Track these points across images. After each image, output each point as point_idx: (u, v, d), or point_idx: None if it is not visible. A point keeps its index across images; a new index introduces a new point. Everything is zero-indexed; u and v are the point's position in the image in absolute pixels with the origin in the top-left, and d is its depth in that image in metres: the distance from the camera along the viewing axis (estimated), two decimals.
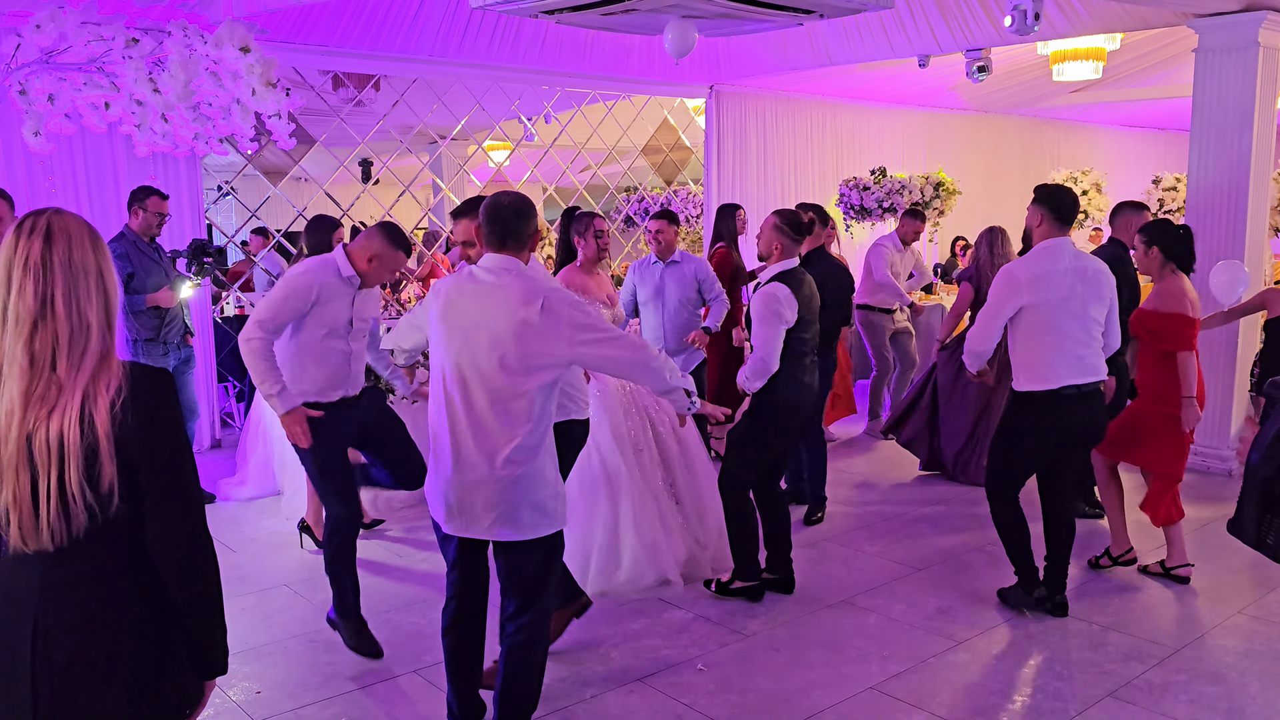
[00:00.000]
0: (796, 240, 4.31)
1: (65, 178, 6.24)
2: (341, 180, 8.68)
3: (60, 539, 1.72)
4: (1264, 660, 3.88)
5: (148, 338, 5.49)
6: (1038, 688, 3.68)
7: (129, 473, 1.75)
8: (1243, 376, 6.38)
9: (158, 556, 1.81)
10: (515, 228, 2.98)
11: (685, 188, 10.95)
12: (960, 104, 11.24)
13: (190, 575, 1.84)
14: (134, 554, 1.80)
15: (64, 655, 1.75)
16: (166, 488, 1.79)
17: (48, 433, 1.70)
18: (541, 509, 2.98)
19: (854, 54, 7.78)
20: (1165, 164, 13.13)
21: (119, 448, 1.72)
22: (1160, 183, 10.24)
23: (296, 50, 6.89)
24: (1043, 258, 4.09)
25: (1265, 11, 5.93)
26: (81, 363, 1.74)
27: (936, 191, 9.26)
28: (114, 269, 1.84)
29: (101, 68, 4.83)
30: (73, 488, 1.70)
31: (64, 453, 1.69)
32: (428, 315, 3.09)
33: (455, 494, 2.96)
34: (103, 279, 1.79)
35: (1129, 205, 5.40)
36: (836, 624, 4.24)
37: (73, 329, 1.73)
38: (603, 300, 4.69)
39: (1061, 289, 4.03)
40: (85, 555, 1.75)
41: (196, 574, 1.85)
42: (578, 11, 4.68)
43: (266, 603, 4.53)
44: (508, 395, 2.89)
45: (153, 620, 1.82)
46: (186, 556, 1.83)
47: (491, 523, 2.95)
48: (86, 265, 1.77)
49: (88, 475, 1.71)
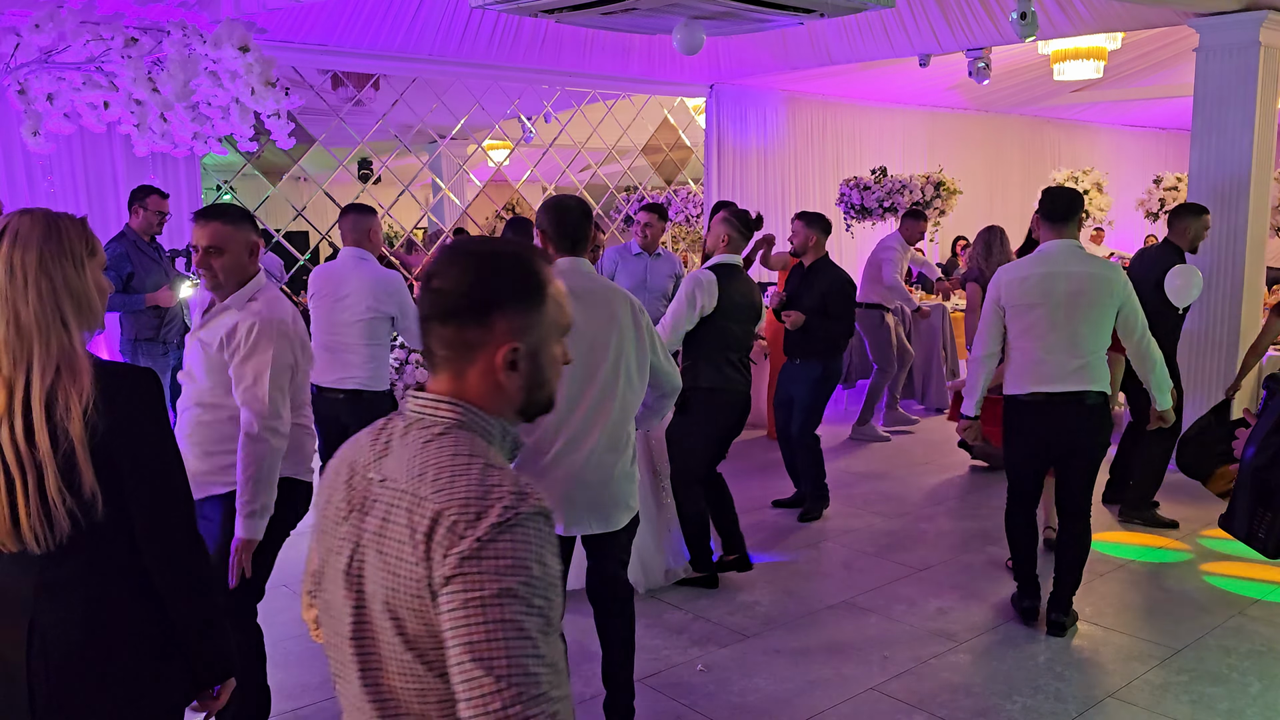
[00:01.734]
0: (743, 235, 4.43)
1: (65, 178, 6.24)
2: (341, 180, 8.67)
3: (46, 543, 1.71)
4: (1264, 660, 3.87)
5: (147, 337, 5.49)
6: (1038, 688, 3.68)
7: (113, 477, 1.74)
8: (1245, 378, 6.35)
9: (148, 560, 1.80)
10: (585, 230, 3.03)
11: (685, 187, 10.95)
12: (961, 103, 11.23)
13: (179, 580, 1.83)
14: (129, 555, 1.79)
15: (60, 656, 1.74)
16: (151, 492, 1.78)
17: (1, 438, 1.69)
18: None
19: (854, 53, 7.78)
20: (1166, 164, 13.12)
21: (96, 454, 1.71)
22: (1161, 183, 10.23)
23: (296, 50, 6.89)
24: (1029, 262, 4.03)
25: (1265, 11, 5.92)
26: (29, 365, 1.71)
27: (937, 191, 9.25)
28: (83, 270, 1.78)
29: (100, 67, 4.83)
30: (52, 494, 1.69)
31: (21, 459, 1.68)
32: None
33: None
34: (51, 280, 1.74)
35: (1191, 209, 5.34)
36: (836, 624, 4.23)
37: (9, 331, 1.71)
38: None
39: (1036, 294, 3.91)
40: (78, 557, 1.75)
41: (185, 579, 1.83)
42: (578, 11, 4.67)
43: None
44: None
45: (149, 621, 1.81)
46: (174, 561, 1.82)
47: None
48: (27, 265, 1.73)
49: (67, 482, 1.70)
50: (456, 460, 1.27)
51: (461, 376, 1.34)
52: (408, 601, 1.23)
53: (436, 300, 1.33)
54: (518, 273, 1.34)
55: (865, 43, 7.58)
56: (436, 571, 1.19)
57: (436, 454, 1.28)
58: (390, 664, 1.27)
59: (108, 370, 1.77)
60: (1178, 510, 5.57)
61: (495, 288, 1.32)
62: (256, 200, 8.20)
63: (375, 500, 1.31)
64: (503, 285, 1.33)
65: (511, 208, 11.22)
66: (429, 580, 1.20)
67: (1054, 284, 3.90)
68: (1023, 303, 3.96)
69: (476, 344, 1.32)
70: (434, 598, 1.20)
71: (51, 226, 1.78)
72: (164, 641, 1.83)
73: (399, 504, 1.27)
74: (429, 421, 1.33)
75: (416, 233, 11.45)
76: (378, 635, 1.28)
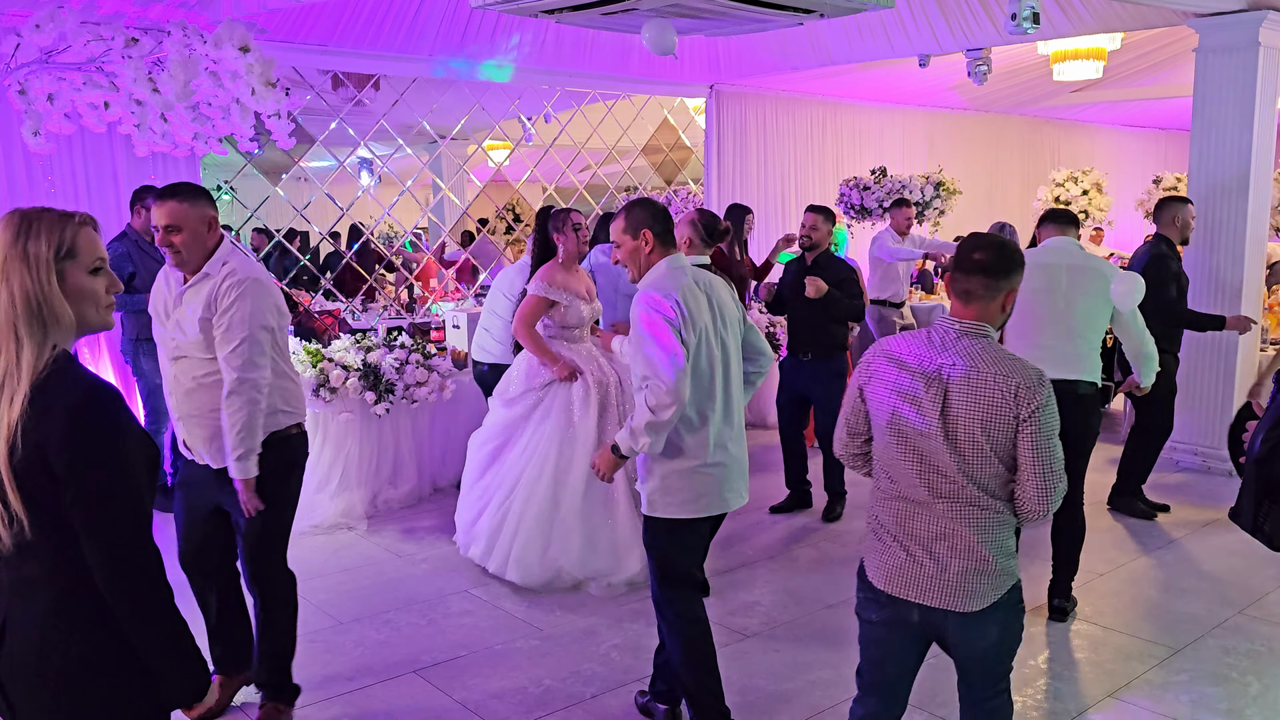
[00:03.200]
0: (705, 242, 4.02)
1: (65, 178, 6.24)
2: (341, 180, 8.67)
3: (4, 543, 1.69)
4: (1264, 660, 3.88)
5: (147, 337, 5.47)
6: (1038, 688, 3.68)
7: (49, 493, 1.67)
8: (1244, 378, 6.36)
9: (99, 584, 1.73)
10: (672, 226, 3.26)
11: (685, 187, 10.94)
12: (960, 104, 11.23)
13: (125, 610, 1.74)
14: (83, 563, 1.72)
15: (23, 653, 1.73)
16: (88, 517, 1.69)
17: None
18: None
19: (854, 54, 7.78)
20: (1165, 164, 13.13)
21: (19, 474, 1.65)
22: (1161, 183, 10.23)
23: (296, 50, 6.89)
24: (1032, 254, 4.26)
25: (1265, 11, 5.93)
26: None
27: (937, 191, 9.25)
28: (45, 276, 1.70)
29: (101, 68, 4.83)
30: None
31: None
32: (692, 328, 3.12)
33: None
34: (10, 290, 1.67)
35: (1175, 199, 5.44)
36: (837, 624, 4.23)
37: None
38: (581, 296, 4.70)
39: (1040, 283, 4.11)
40: (36, 558, 1.72)
41: (131, 608, 1.74)
42: (578, 11, 4.67)
43: None
44: None
45: (108, 626, 1.74)
46: (116, 590, 1.72)
47: None
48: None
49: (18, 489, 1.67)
50: (1008, 355, 2.42)
51: (987, 309, 2.44)
52: (999, 425, 2.35)
53: (979, 266, 2.43)
54: (1018, 255, 2.50)
55: (865, 43, 7.58)
56: (1020, 413, 2.34)
57: (996, 350, 2.41)
58: (973, 457, 2.37)
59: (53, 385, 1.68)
60: (1179, 510, 5.57)
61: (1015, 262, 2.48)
62: (257, 200, 8.20)
63: (953, 369, 2.39)
64: (1017, 261, 2.48)
65: (511, 208, 11.22)
66: (1016, 417, 2.34)
67: (1056, 275, 4.15)
68: (1023, 288, 4.03)
69: (999, 291, 2.44)
70: (1017, 426, 2.34)
71: (20, 228, 1.70)
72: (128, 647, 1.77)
73: (985, 372, 2.36)
74: (978, 333, 2.44)
75: (417, 233, 11.47)
76: (964, 440, 2.37)
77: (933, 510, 2.42)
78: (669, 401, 2.95)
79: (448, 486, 6.18)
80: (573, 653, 3.97)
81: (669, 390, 2.95)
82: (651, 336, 3.00)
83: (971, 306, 2.44)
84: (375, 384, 5.57)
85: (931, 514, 2.42)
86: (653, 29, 4.80)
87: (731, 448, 3.21)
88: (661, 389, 2.95)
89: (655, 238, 3.16)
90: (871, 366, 2.54)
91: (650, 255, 3.17)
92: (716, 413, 3.14)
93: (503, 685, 3.71)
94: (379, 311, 8.33)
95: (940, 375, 2.40)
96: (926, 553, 2.42)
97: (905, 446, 2.45)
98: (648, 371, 3.00)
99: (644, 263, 3.18)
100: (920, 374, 2.42)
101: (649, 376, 2.99)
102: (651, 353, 2.99)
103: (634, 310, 3.10)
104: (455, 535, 4.97)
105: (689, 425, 3.09)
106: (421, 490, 6.00)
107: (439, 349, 6.39)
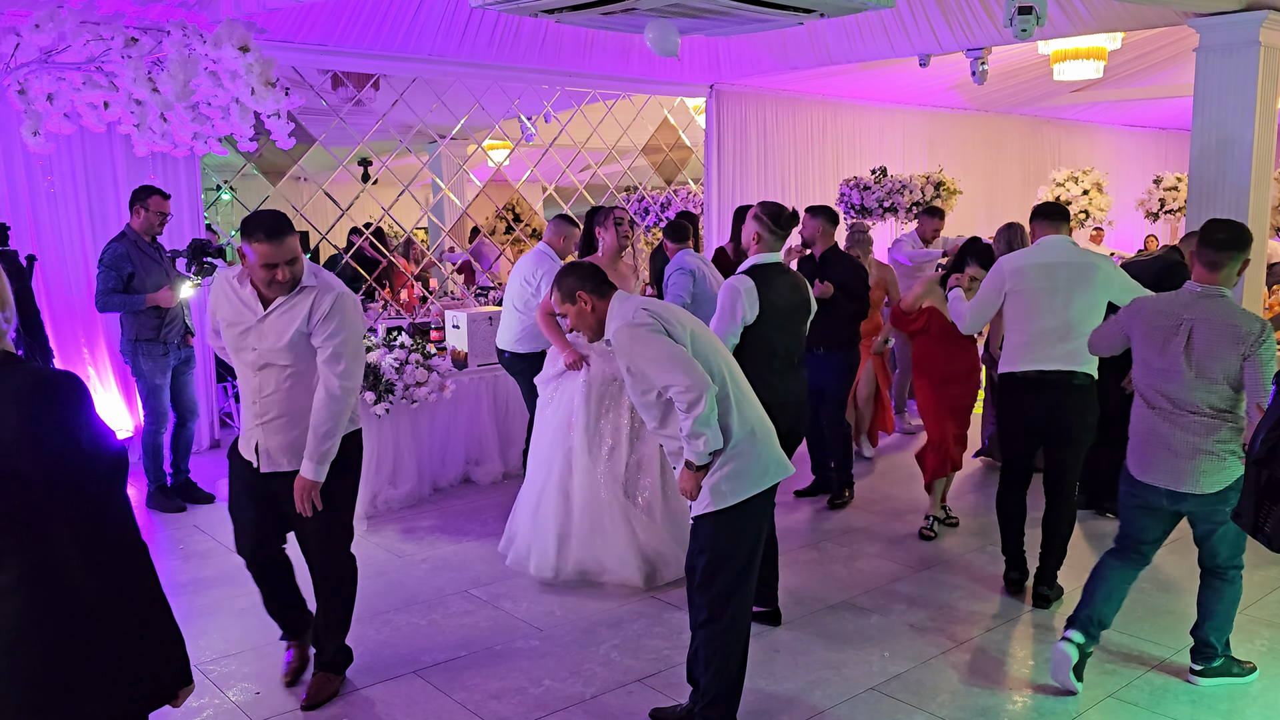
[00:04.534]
0: (776, 234, 4.08)
1: (65, 178, 6.24)
2: (341, 180, 8.67)
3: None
4: (1264, 660, 3.87)
5: (148, 337, 5.49)
6: (1038, 688, 3.68)
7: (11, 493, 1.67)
8: None
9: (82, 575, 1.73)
10: None
11: (685, 187, 10.95)
12: (960, 103, 11.23)
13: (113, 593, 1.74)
14: (58, 565, 1.72)
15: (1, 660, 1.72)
16: (67, 510, 1.69)
17: None
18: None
19: (854, 53, 7.78)
20: (1166, 164, 13.13)
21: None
22: (1161, 183, 10.24)
23: (296, 50, 6.89)
24: (1030, 252, 4.36)
25: (1265, 11, 5.92)
26: None
27: (937, 191, 9.25)
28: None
29: (100, 67, 4.83)
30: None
31: None
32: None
33: None
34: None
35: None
36: (837, 624, 4.23)
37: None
38: None
39: (1039, 280, 4.23)
40: (9, 564, 1.70)
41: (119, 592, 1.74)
42: (578, 11, 4.67)
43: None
44: None
45: (78, 632, 1.73)
46: (101, 577, 1.73)
47: None
48: None
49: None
50: (1239, 308, 3.35)
51: (1230, 275, 3.42)
52: (1230, 359, 3.28)
53: (1223, 244, 3.42)
54: (1249, 233, 3.47)
55: (865, 43, 7.58)
56: (1244, 351, 3.27)
57: (1230, 305, 3.36)
58: (1192, 381, 3.37)
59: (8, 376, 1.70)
60: None
61: (1249, 238, 3.46)
62: (257, 200, 8.20)
63: (1196, 319, 3.37)
64: (1249, 238, 3.46)
65: (511, 208, 11.22)
66: (1243, 355, 3.27)
67: (1054, 272, 4.25)
68: (1024, 288, 4.29)
69: (1238, 261, 3.46)
70: (1244, 362, 3.27)
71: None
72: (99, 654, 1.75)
73: (1221, 320, 3.32)
74: (1212, 294, 3.39)
75: (417, 232, 11.47)
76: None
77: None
78: (696, 393, 2.93)
79: (447, 487, 6.18)
80: (573, 653, 3.97)
81: (689, 385, 2.93)
82: (647, 355, 3.01)
83: (1216, 273, 3.36)
84: (375, 384, 5.57)
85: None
86: (656, 31, 4.81)
87: (757, 427, 3.19)
88: (681, 389, 2.94)
89: (591, 293, 3.16)
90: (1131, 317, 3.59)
91: (596, 310, 3.17)
92: (741, 392, 3.18)
93: (503, 685, 3.71)
94: (379, 311, 8.34)
95: (1185, 325, 3.37)
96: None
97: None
98: (661, 385, 2.99)
99: (594, 319, 3.18)
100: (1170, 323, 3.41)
101: (667, 386, 2.98)
102: (654, 367, 2.99)
103: (618, 351, 3.12)
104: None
105: (725, 409, 3.08)
106: (421, 490, 6.00)
107: (439, 349, 6.39)
